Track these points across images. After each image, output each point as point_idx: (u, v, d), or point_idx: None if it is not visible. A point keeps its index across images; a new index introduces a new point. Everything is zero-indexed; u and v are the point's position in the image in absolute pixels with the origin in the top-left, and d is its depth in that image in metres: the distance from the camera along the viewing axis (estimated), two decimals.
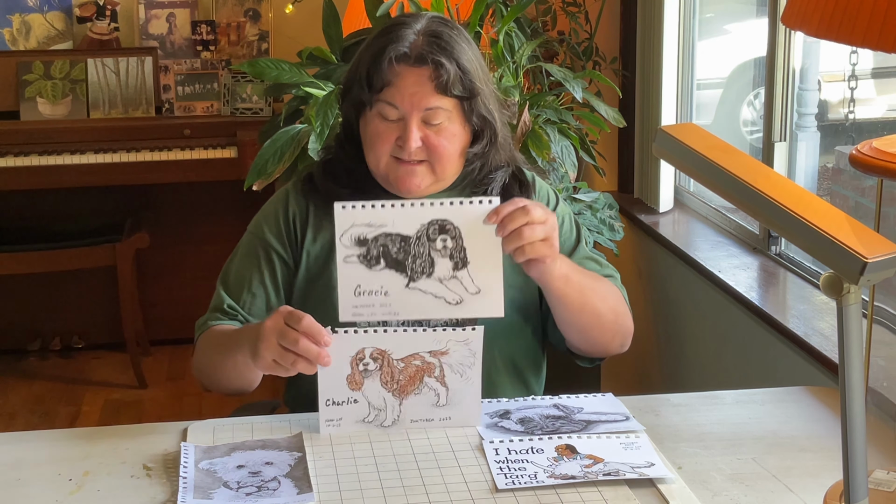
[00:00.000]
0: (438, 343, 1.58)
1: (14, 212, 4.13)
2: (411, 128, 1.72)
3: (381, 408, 1.58)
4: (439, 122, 1.74)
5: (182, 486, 1.45)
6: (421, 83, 1.72)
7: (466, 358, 1.58)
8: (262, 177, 2.49)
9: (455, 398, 1.60)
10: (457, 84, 1.73)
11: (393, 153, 1.76)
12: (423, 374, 1.55)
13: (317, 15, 2.77)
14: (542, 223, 1.57)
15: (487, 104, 1.79)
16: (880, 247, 1.16)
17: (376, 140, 1.76)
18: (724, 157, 1.28)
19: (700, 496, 1.44)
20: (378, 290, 1.59)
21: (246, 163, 3.74)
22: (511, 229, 1.56)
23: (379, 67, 1.72)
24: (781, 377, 2.50)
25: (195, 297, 4.22)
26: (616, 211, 3.00)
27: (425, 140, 1.74)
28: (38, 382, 4.12)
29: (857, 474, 1.23)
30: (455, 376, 1.58)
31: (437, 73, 1.72)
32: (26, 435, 1.69)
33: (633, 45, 3.62)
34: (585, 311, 1.73)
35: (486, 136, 1.80)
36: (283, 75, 2.59)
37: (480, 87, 1.77)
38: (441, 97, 1.73)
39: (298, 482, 1.46)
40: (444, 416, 1.61)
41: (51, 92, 4.00)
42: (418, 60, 1.72)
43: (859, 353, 1.20)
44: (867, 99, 2.88)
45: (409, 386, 1.55)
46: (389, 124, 1.75)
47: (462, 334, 1.58)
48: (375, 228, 1.58)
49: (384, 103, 1.74)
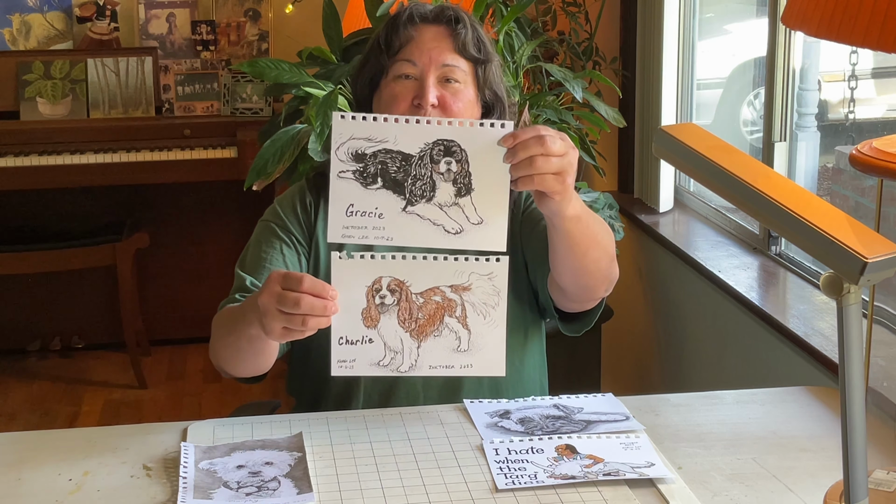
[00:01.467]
0: (460, 276, 1.47)
1: (14, 212, 4.13)
2: (428, 83, 1.73)
3: (398, 350, 1.47)
4: (456, 83, 1.75)
5: (182, 487, 1.45)
6: (439, 39, 1.76)
7: (490, 296, 1.48)
8: (262, 177, 2.49)
9: (477, 343, 1.49)
10: (473, 45, 1.77)
11: (410, 114, 1.72)
12: (444, 313, 1.45)
13: (317, 15, 2.77)
14: (560, 156, 1.45)
15: (499, 80, 1.82)
16: (880, 247, 1.16)
17: (392, 102, 1.75)
18: (724, 157, 1.28)
19: (700, 496, 1.44)
20: (372, 212, 1.47)
21: (246, 163, 3.75)
22: (522, 157, 1.44)
23: (397, 29, 1.76)
24: (781, 377, 2.50)
25: (195, 297, 4.25)
26: (616, 211, 3.00)
27: (441, 100, 1.74)
28: (38, 382, 4.12)
29: (857, 474, 1.23)
30: (478, 317, 1.48)
31: (455, 32, 1.76)
32: (26, 435, 1.69)
33: (633, 45, 3.62)
34: (589, 254, 1.64)
35: (497, 113, 1.82)
36: (283, 75, 2.59)
37: (493, 57, 1.81)
38: (458, 56, 1.76)
39: (298, 482, 1.46)
40: (466, 363, 1.50)
41: (51, 92, 4.00)
42: (437, 18, 1.77)
43: (859, 353, 1.20)
44: (867, 99, 2.88)
45: (428, 326, 1.45)
46: (406, 84, 1.75)
47: (486, 266, 1.48)
48: (375, 143, 1.45)
49: (402, 61, 1.75)
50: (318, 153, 2.38)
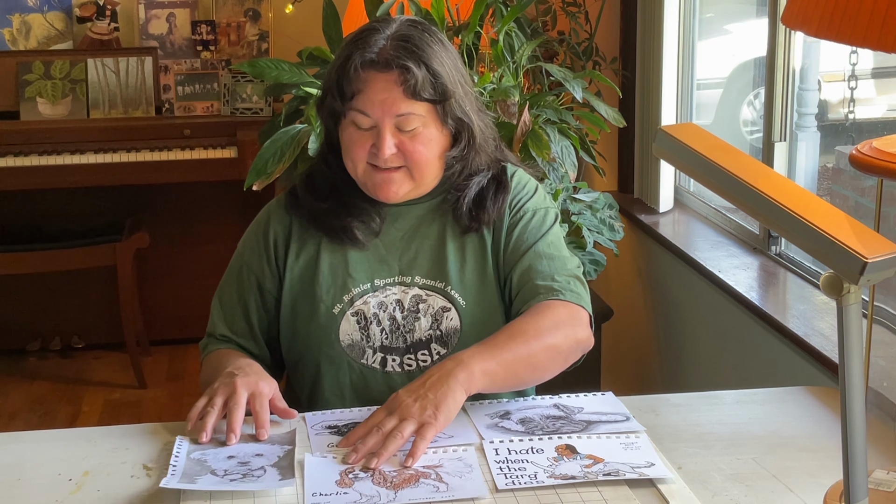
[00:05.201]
0: (431, 460, 1.51)
1: (14, 212, 4.13)
2: (384, 135, 1.70)
3: (375, 497, 1.43)
4: (413, 128, 1.72)
5: (171, 473, 1.46)
6: (389, 89, 1.69)
7: (464, 468, 1.50)
8: (262, 177, 2.49)
9: (456, 488, 1.46)
10: (427, 88, 1.70)
11: (369, 160, 1.73)
12: (420, 478, 1.47)
13: (317, 15, 2.77)
14: (395, 420, 1.52)
15: (463, 106, 1.75)
16: (880, 247, 1.16)
17: (351, 147, 1.74)
18: (724, 157, 1.28)
19: (700, 496, 1.44)
20: None
21: (246, 163, 3.75)
22: (379, 452, 1.49)
23: (347, 75, 1.70)
24: (781, 377, 2.51)
25: (195, 297, 4.23)
26: (616, 211, 3.00)
27: (400, 146, 1.72)
28: (38, 382, 4.12)
29: (857, 474, 1.23)
30: (454, 479, 1.48)
31: (404, 78, 1.68)
32: (26, 435, 1.69)
33: (633, 45, 3.62)
34: (532, 377, 1.70)
35: (465, 139, 1.78)
36: (283, 75, 2.59)
37: (453, 90, 1.73)
38: (412, 102, 1.70)
39: (283, 470, 1.48)
40: (447, 497, 1.45)
41: (51, 92, 4.00)
42: (385, 66, 1.69)
43: (859, 353, 1.20)
44: (867, 99, 2.88)
45: (404, 483, 1.45)
46: (363, 132, 1.72)
47: (455, 454, 1.53)
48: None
49: (356, 111, 1.71)
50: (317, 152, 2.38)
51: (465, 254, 1.81)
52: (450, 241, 1.82)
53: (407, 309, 1.79)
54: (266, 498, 1.42)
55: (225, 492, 1.43)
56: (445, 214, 1.83)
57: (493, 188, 1.83)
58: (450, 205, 1.82)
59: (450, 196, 1.82)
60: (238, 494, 1.43)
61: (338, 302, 1.78)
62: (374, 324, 1.78)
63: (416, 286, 1.80)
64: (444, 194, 1.83)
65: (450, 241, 1.82)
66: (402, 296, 1.79)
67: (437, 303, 1.79)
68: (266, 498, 1.42)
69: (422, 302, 1.79)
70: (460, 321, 1.78)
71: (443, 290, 1.79)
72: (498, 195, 1.82)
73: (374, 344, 1.78)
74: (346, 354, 1.78)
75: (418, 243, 1.82)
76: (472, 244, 1.82)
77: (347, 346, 1.78)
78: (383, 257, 1.81)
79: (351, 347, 1.78)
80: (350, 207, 1.80)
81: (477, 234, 1.82)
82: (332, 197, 1.81)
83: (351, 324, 1.78)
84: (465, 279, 1.80)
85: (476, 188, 1.81)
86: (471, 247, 1.82)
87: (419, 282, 1.80)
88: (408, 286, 1.80)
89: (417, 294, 1.79)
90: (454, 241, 1.82)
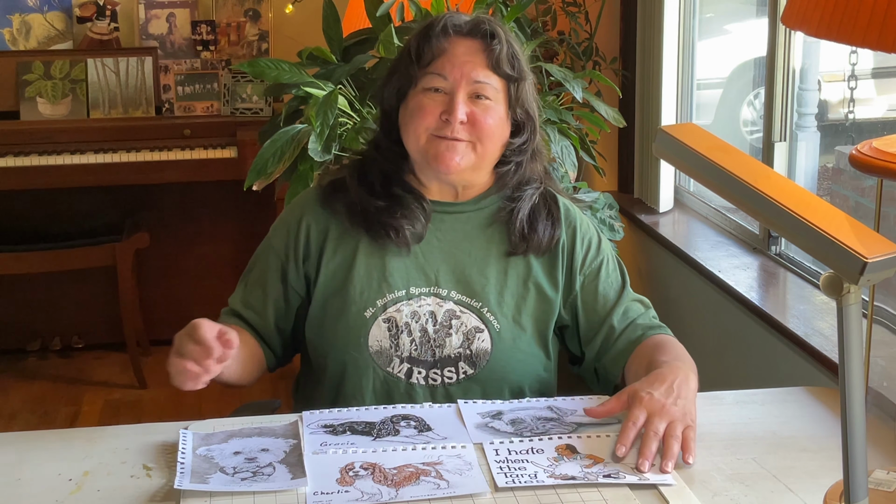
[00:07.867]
0: (430, 457, 1.52)
1: (14, 212, 4.13)
2: (457, 101, 1.69)
3: (377, 494, 1.44)
4: (487, 100, 1.71)
5: (180, 472, 1.46)
6: (473, 53, 1.70)
7: (463, 466, 1.51)
8: (261, 177, 2.49)
9: (456, 485, 1.47)
10: (506, 62, 1.71)
11: (435, 131, 1.70)
12: (420, 475, 1.47)
13: (317, 15, 2.77)
14: (664, 423, 1.53)
15: (531, 98, 1.77)
16: (880, 247, 1.16)
17: (418, 114, 1.71)
18: (724, 157, 1.28)
19: (700, 496, 1.44)
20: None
21: (246, 163, 3.74)
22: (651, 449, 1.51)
23: (429, 39, 1.71)
24: (781, 377, 2.50)
25: (195, 297, 4.24)
26: (616, 211, 3.00)
27: (471, 116, 1.70)
28: (38, 382, 4.12)
29: (857, 474, 1.23)
30: (454, 476, 1.48)
31: (489, 46, 1.70)
32: (26, 435, 1.69)
33: (633, 45, 3.62)
34: None
35: (527, 132, 1.77)
36: (283, 75, 2.59)
37: (527, 76, 1.75)
38: (490, 73, 1.71)
39: (293, 468, 1.47)
40: (448, 493, 1.46)
41: (51, 92, 4.00)
42: (472, 32, 1.71)
43: (859, 353, 1.20)
44: (867, 99, 2.88)
45: (405, 482, 1.46)
46: (435, 97, 1.70)
47: (454, 451, 1.54)
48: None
49: (432, 74, 1.70)
50: (318, 153, 2.39)
51: (506, 277, 1.79)
52: (493, 261, 1.79)
53: (439, 323, 1.76)
54: (267, 497, 1.42)
55: (225, 490, 1.43)
56: (492, 231, 1.80)
57: (544, 211, 1.80)
58: (501, 219, 1.79)
59: (502, 206, 1.79)
60: (238, 493, 1.43)
61: (370, 306, 1.76)
62: (405, 333, 1.75)
63: (451, 300, 1.77)
64: (492, 206, 1.80)
65: (493, 261, 1.79)
66: (437, 308, 1.76)
67: (471, 321, 1.76)
68: (267, 497, 1.42)
69: (455, 318, 1.76)
70: (491, 344, 1.76)
71: (478, 311, 1.77)
72: (549, 221, 1.80)
73: (402, 353, 1.75)
74: (373, 360, 1.75)
75: (459, 257, 1.79)
76: (515, 268, 1.79)
77: (375, 353, 1.75)
78: (421, 266, 1.78)
79: (379, 354, 1.75)
80: (403, 208, 1.76)
81: (523, 258, 1.80)
82: (384, 194, 1.77)
83: (382, 330, 1.75)
84: (503, 303, 1.77)
85: (529, 203, 1.79)
86: (514, 271, 1.79)
87: (454, 297, 1.77)
88: (443, 299, 1.77)
89: (451, 309, 1.76)
90: (498, 262, 1.79)
